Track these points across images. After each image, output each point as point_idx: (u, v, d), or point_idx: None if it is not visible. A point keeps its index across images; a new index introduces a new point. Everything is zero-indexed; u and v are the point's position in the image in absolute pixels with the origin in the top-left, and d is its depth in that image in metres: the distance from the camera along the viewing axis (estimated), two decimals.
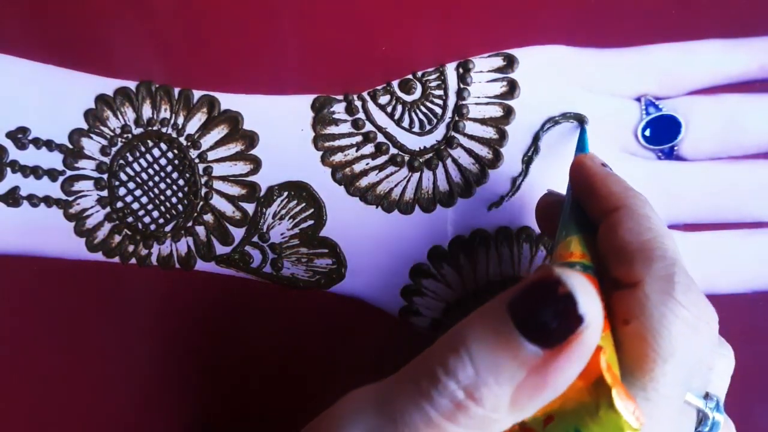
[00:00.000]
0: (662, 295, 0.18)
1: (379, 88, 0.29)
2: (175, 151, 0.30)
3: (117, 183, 0.30)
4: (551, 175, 0.29)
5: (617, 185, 0.22)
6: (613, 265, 0.20)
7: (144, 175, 0.30)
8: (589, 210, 0.22)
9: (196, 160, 0.30)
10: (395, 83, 0.29)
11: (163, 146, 0.30)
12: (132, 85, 0.29)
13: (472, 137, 0.29)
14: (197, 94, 0.29)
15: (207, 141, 0.30)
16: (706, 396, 0.20)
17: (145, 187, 0.30)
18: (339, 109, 0.29)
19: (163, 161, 0.30)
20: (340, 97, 0.29)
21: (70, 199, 0.30)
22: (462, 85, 0.29)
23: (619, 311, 0.19)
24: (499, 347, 0.15)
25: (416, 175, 0.29)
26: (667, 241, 0.20)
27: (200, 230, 0.30)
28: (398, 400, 0.16)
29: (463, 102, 0.29)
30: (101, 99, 0.29)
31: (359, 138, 0.29)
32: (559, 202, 0.25)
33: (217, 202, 0.30)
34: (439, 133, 0.29)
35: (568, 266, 0.20)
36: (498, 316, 0.15)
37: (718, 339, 0.20)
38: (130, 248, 0.30)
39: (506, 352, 0.15)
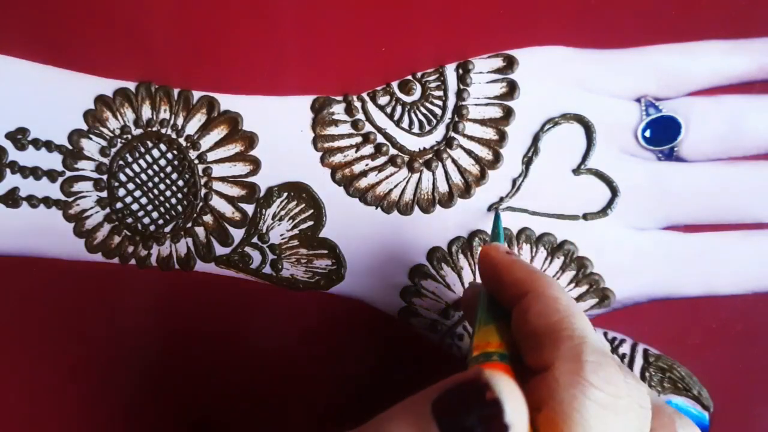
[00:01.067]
0: (571, 376, 0.17)
1: (378, 88, 0.29)
2: (175, 152, 0.30)
3: (116, 184, 0.30)
4: (551, 176, 0.29)
5: (522, 271, 0.21)
6: (525, 352, 0.19)
7: (143, 176, 0.30)
8: (501, 299, 0.22)
9: (196, 161, 0.30)
10: (395, 84, 0.29)
11: (163, 147, 0.30)
12: (131, 85, 0.29)
13: (471, 138, 0.29)
14: (197, 94, 0.29)
15: (206, 142, 0.30)
16: None
17: (145, 188, 0.30)
18: (338, 110, 0.29)
19: (162, 162, 0.30)
20: (340, 98, 0.29)
21: (70, 200, 0.30)
22: (462, 86, 0.29)
23: (531, 399, 0.18)
24: None
25: (416, 176, 0.29)
26: (576, 321, 0.19)
27: (200, 231, 0.30)
28: None
29: (463, 103, 0.29)
30: (101, 100, 0.29)
31: (359, 139, 0.29)
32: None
33: (217, 202, 0.30)
34: (439, 133, 0.29)
35: (485, 356, 0.20)
36: (421, 414, 0.15)
37: (645, 414, 0.19)
38: (130, 249, 0.30)
39: None
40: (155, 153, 0.30)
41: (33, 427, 0.30)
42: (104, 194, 0.30)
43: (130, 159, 0.30)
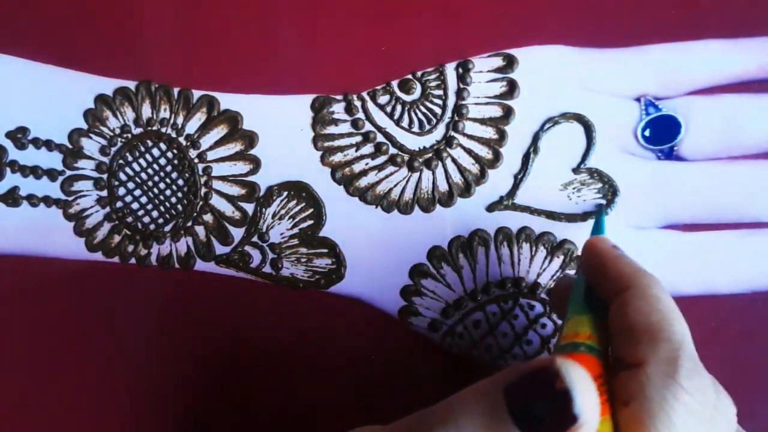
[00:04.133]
0: (665, 378, 0.18)
1: (378, 88, 0.29)
2: (175, 151, 0.30)
3: (116, 183, 0.30)
4: (551, 176, 0.29)
5: (628, 266, 0.22)
6: (620, 346, 0.20)
7: (143, 175, 0.30)
8: (601, 291, 0.22)
9: (196, 160, 0.30)
10: (395, 83, 0.29)
11: (163, 146, 0.30)
12: (131, 85, 0.29)
13: (471, 137, 0.29)
14: (197, 93, 0.29)
15: (206, 141, 0.30)
16: None
17: (145, 187, 0.30)
18: (338, 109, 0.29)
19: (162, 161, 0.30)
20: (340, 97, 0.29)
21: (70, 199, 0.30)
22: (461, 85, 0.29)
23: (620, 392, 0.18)
24: (489, 430, 0.15)
25: (416, 175, 0.29)
26: (675, 324, 0.19)
27: (200, 230, 0.30)
28: None
29: (463, 102, 0.29)
30: (101, 99, 0.29)
31: (359, 138, 0.29)
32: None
33: (217, 201, 0.30)
34: (439, 133, 0.29)
35: (573, 347, 0.20)
36: (492, 398, 0.15)
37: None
38: (130, 248, 0.30)
39: None
40: (155, 152, 0.30)
41: (33, 427, 0.30)
42: (104, 193, 0.30)
43: (130, 158, 0.30)
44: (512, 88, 0.29)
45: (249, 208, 0.30)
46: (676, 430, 0.17)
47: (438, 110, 0.29)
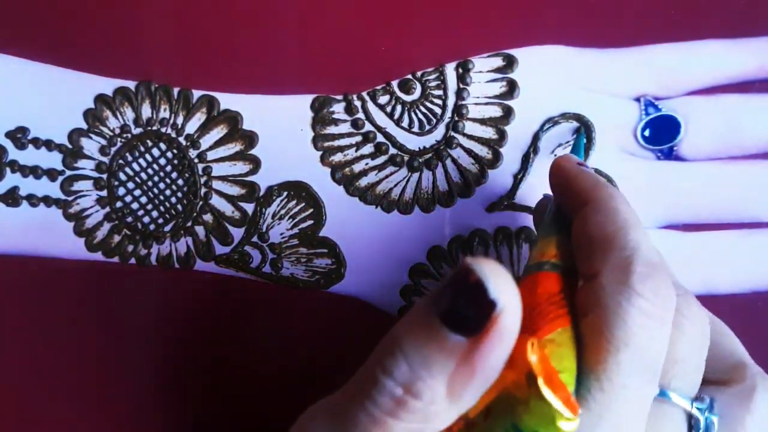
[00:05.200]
0: (617, 285, 0.18)
1: (378, 88, 0.29)
2: (175, 151, 0.30)
3: (116, 183, 0.30)
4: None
5: (587, 181, 0.22)
6: (579, 260, 0.20)
7: (143, 175, 0.30)
8: (566, 209, 0.22)
9: (196, 160, 0.30)
10: (395, 83, 0.29)
11: (163, 146, 0.30)
12: (131, 84, 0.29)
13: (471, 137, 0.29)
14: (196, 93, 0.29)
15: (206, 141, 0.30)
16: (698, 398, 0.19)
17: (145, 187, 0.30)
18: (338, 109, 0.29)
19: (162, 161, 0.30)
20: (340, 97, 0.29)
21: (70, 198, 0.30)
22: (461, 85, 0.29)
23: (580, 305, 0.19)
24: (428, 341, 0.16)
25: (416, 175, 0.29)
26: (631, 232, 0.19)
27: (199, 230, 0.30)
28: (346, 406, 0.17)
29: (463, 102, 0.29)
30: (100, 99, 0.29)
31: (359, 138, 0.29)
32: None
33: (217, 201, 0.30)
34: (439, 133, 0.29)
35: (537, 266, 0.20)
36: (424, 312, 0.16)
37: (704, 342, 0.19)
38: (130, 248, 0.30)
39: (434, 345, 0.15)
40: (155, 152, 0.30)
41: (33, 427, 0.30)
42: (104, 193, 0.30)
43: (129, 158, 0.30)
44: (512, 88, 0.29)
45: (249, 208, 0.30)
46: (633, 335, 0.17)
47: (438, 110, 0.29)
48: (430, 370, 0.15)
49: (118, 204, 0.30)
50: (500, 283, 0.15)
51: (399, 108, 0.29)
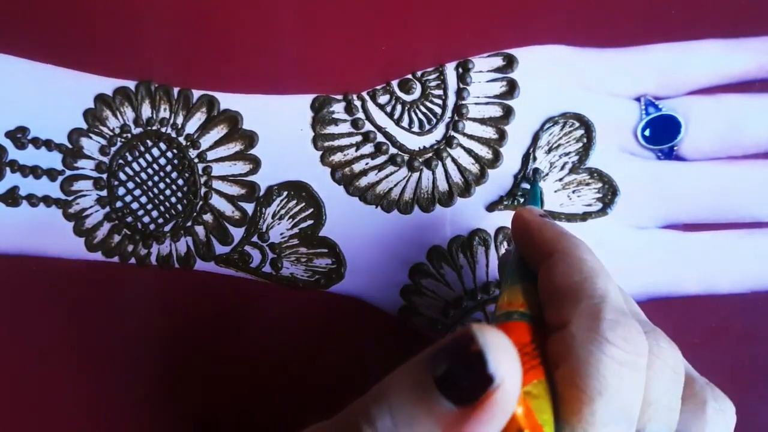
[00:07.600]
0: (588, 333, 0.18)
1: (378, 87, 0.29)
2: (175, 151, 0.30)
3: (116, 183, 0.30)
4: (551, 176, 0.29)
5: (550, 232, 0.22)
6: (548, 311, 0.20)
7: (143, 175, 0.30)
8: (530, 260, 0.22)
9: (196, 160, 0.30)
10: (395, 83, 0.29)
11: (163, 146, 0.30)
12: (131, 84, 0.29)
13: (471, 137, 0.29)
14: (196, 93, 0.29)
15: (206, 141, 0.30)
16: None
17: (145, 187, 0.30)
18: (338, 109, 0.29)
19: (162, 161, 0.30)
20: (340, 97, 0.29)
21: (70, 198, 0.30)
22: (461, 85, 0.29)
23: (551, 356, 0.18)
24: (417, 401, 0.15)
25: (416, 174, 0.29)
26: (598, 281, 0.19)
27: (199, 230, 0.30)
28: None
29: (463, 102, 0.29)
30: (100, 99, 0.29)
31: (359, 138, 0.29)
32: None
33: (217, 201, 0.30)
34: (439, 132, 0.29)
35: (506, 316, 0.20)
36: (419, 369, 0.15)
37: (677, 378, 0.19)
38: (130, 248, 0.30)
39: (422, 406, 0.15)
40: (155, 152, 0.30)
41: (33, 427, 0.30)
42: (104, 193, 0.30)
43: (129, 158, 0.30)
44: (512, 87, 0.29)
45: (249, 207, 0.30)
46: (607, 384, 0.17)
47: (438, 110, 0.29)
48: (413, 430, 0.15)
49: (118, 204, 0.30)
50: (501, 358, 0.14)
51: (399, 108, 0.29)
